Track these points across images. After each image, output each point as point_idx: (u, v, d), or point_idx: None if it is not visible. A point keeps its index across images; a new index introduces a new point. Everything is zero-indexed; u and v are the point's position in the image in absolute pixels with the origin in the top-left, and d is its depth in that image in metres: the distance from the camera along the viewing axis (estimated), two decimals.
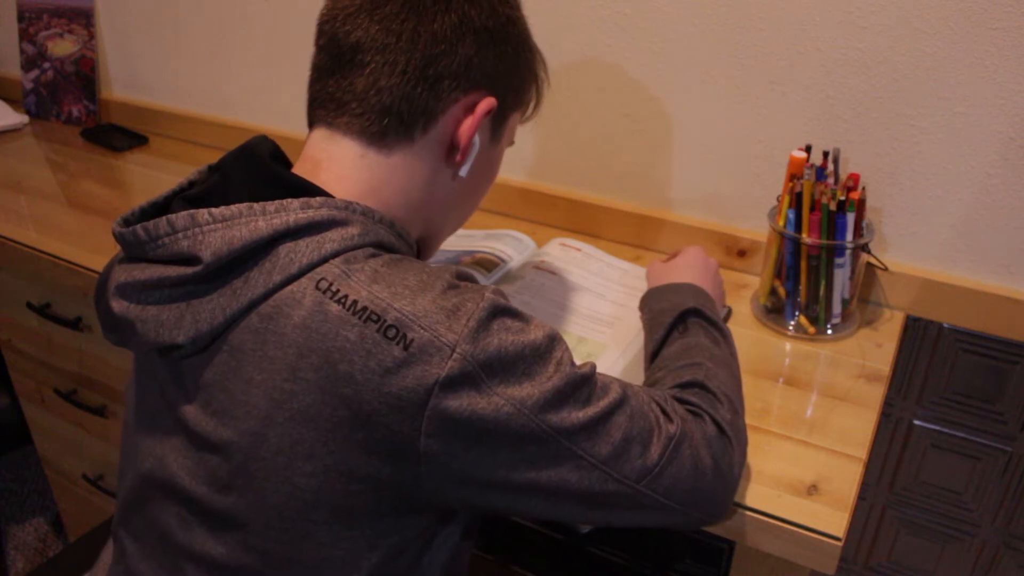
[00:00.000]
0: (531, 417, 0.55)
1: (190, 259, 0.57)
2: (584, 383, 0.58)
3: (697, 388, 0.69)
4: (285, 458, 0.55)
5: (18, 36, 1.65)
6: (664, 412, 0.63)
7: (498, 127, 0.71)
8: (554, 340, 0.58)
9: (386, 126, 0.63)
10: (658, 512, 0.62)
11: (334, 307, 0.54)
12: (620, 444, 0.58)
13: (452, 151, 0.67)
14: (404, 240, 0.65)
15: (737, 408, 0.70)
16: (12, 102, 1.72)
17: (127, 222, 0.62)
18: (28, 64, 1.66)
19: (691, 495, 0.62)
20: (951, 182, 0.95)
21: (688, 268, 0.91)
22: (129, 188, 1.38)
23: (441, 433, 0.54)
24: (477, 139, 0.68)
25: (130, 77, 1.63)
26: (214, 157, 0.64)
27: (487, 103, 0.67)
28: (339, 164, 0.64)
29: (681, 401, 0.67)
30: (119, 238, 0.61)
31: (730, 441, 0.66)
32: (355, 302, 0.54)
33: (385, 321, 0.53)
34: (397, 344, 0.53)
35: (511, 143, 0.76)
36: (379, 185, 0.64)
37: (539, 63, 0.76)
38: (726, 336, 0.78)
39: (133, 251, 0.60)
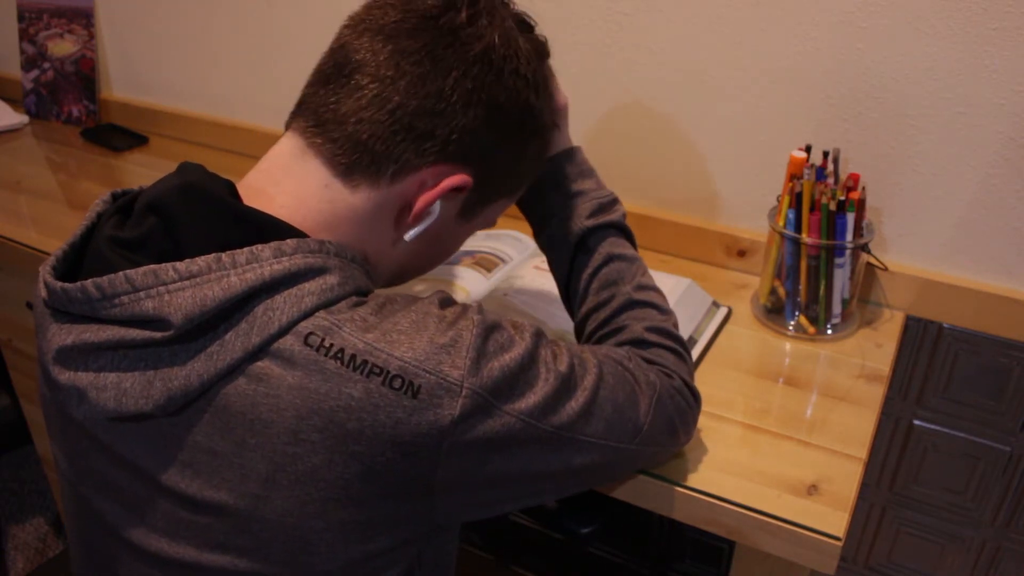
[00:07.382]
0: (538, 424, 0.56)
1: (156, 322, 0.51)
2: (570, 373, 0.59)
3: (630, 345, 0.72)
4: (294, 518, 0.53)
5: (18, 36, 1.65)
6: (623, 366, 0.65)
7: (474, 207, 0.67)
8: (537, 339, 0.59)
9: (355, 161, 0.59)
10: (655, 455, 0.68)
11: (331, 363, 0.51)
12: (612, 415, 0.61)
13: (404, 212, 0.63)
14: (371, 278, 0.62)
15: (667, 326, 0.72)
16: (12, 102, 1.72)
17: (57, 271, 0.56)
18: (28, 64, 1.66)
19: (671, 430, 0.68)
20: (951, 182, 0.95)
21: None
22: (129, 188, 1.38)
23: (457, 463, 0.54)
24: (437, 208, 0.63)
25: (130, 77, 1.63)
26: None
27: (457, 179, 0.62)
28: (302, 186, 0.60)
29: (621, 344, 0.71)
30: (62, 295, 0.53)
31: (680, 356, 0.71)
32: (353, 356, 0.51)
33: (388, 372, 0.51)
34: (405, 394, 0.51)
35: (490, 224, 0.72)
36: (337, 222, 0.60)
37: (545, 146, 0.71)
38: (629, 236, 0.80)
39: (78, 308, 0.53)
